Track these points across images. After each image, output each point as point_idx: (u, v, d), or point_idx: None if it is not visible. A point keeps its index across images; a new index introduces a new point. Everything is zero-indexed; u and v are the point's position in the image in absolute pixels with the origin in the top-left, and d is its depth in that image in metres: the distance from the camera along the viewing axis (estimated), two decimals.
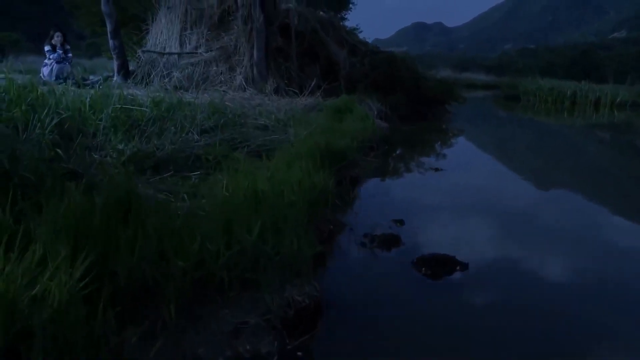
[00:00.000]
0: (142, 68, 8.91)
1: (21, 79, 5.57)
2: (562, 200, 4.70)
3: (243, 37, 8.47)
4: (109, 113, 3.42)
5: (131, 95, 6.14)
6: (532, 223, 3.67)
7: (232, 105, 6.13)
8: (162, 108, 4.90)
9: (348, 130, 5.14)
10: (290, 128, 5.01)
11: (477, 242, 3.13)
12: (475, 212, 3.89)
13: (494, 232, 3.41)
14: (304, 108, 7.43)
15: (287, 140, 4.15)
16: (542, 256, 2.93)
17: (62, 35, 7.93)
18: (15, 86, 3.44)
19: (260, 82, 8.44)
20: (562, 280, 2.60)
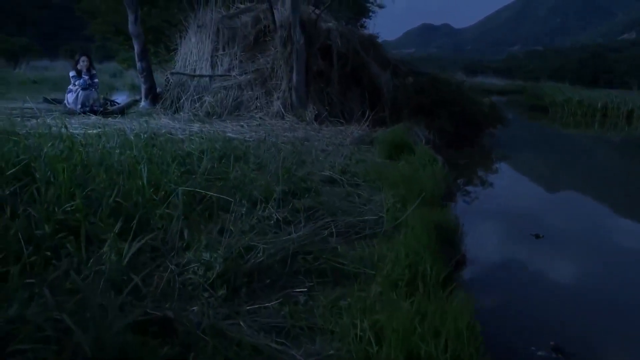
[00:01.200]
0: (171, 91, 8.28)
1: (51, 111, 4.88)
2: None
3: (281, 60, 7.82)
4: (178, 197, 2.75)
5: (170, 132, 5.51)
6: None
7: (282, 145, 5.47)
8: (218, 159, 4.24)
9: (425, 185, 4.46)
10: (367, 187, 4.35)
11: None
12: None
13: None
14: (353, 140, 6.77)
15: (376, 213, 3.48)
16: None
17: (87, 59, 7.32)
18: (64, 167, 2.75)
19: (300, 109, 7.79)
20: None
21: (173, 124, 6.85)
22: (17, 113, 6.69)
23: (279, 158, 4.72)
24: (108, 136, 4.78)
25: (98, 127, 5.79)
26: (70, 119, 6.92)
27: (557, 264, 3.85)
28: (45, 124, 5.15)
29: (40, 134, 4.17)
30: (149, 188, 2.94)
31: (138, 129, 5.81)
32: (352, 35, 8.44)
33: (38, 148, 3.42)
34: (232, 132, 6.50)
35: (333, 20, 8.36)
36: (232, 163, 4.13)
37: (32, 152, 3.36)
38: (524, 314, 2.91)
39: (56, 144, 3.39)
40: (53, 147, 3.30)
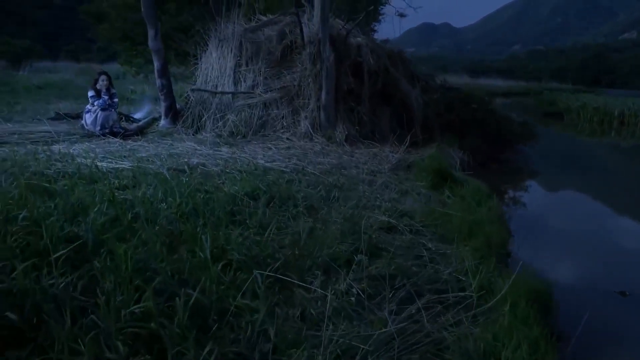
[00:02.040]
0: (192, 109, 7.89)
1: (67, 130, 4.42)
2: None
3: (309, 77, 7.44)
4: (258, 283, 2.37)
5: (204, 165, 5.13)
6: None
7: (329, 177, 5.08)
8: (266, 203, 3.87)
9: (491, 232, 4.09)
10: (429, 234, 3.97)
11: None
12: None
13: None
14: (391, 166, 6.40)
15: (454, 274, 3.10)
16: None
17: (107, 78, 6.93)
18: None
19: (328, 129, 7.41)
20: None
21: (199, 148, 6.47)
22: (35, 137, 6.31)
23: (326, 194, 4.36)
24: (143, 176, 4.40)
25: (125, 157, 5.43)
26: (90, 142, 6.55)
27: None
28: (72, 160, 4.79)
29: (73, 182, 3.78)
30: (213, 262, 2.56)
31: (168, 160, 5.46)
32: (381, 50, 8.06)
33: (80, 207, 3.02)
34: (263, 157, 6.12)
35: (361, 35, 7.96)
36: (290, 215, 3.75)
37: (74, 211, 2.98)
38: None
39: (101, 208, 2.97)
40: (99, 213, 2.87)
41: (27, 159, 4.85)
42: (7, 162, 4.52)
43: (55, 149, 5.85)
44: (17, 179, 3.76)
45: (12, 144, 6.00)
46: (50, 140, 6.32)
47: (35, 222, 2.53)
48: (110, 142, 6.64)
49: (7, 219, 2.57)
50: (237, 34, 8.17)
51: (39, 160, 4.84)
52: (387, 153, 7.12)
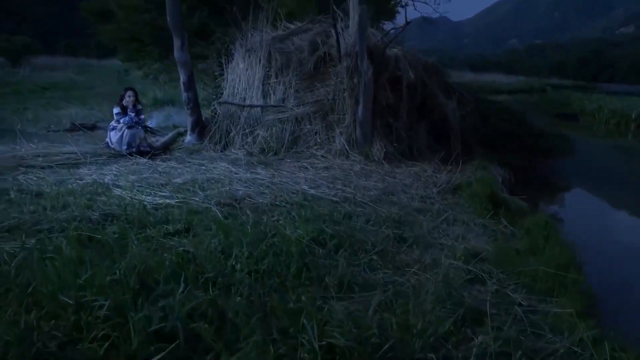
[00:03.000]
0: (219, 124, 7.50)
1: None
2: None
3: (345, 92, 7.05)
4: None
5: (250, 196, 4.76)
6: None
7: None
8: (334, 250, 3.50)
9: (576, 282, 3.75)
10: (511, 283, 3.62)
11: None
12: None
13: None
14: (439, 191, 6.04)
15: (555, 339, 2.75)
16: None
17: (134, 94, 6.53)
18: None
19: (365, 146, 7.05)
20: None
21: (234, 170, 6.10)
22: (61, 159, 5.92)
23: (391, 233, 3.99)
24: (192, 214, 4.03)
25: (162, 185, 5.05)
26: (117, 162, 6.16)
27: None
28: (108, 192, 4.40)
29: (122, 228, 3.41)
30: None
31: (208, 187, 5.08)
32: (417, 61, 7.69)
33: (146, 273, 2.65)
34: (306, 181, 5.76)
35: (397, 46, 7.57)
36: (364, 264, 3.39)
37: (141, 281, 2.61)
38: None
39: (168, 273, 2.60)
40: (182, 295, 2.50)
41: (63, 193, 4.46)
42: (45, 201, 4.12)
43: (84, 173, 5.48)
44: (65, 228, 3.38)
45: (37, 168, 5.62)
46: (76, 163, 5.93)
47: (117, 311, 2.16)
48: (139, 162, 6.26)
49: (80, 304, 2.20)
50: (266, 44, 7.76)
51: (75, 194, 4.45)
52: (429, 173, 6.76)
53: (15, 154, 5.89)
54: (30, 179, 5.02)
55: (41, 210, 3.83)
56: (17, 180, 4.91)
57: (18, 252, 2.96)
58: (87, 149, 6.40)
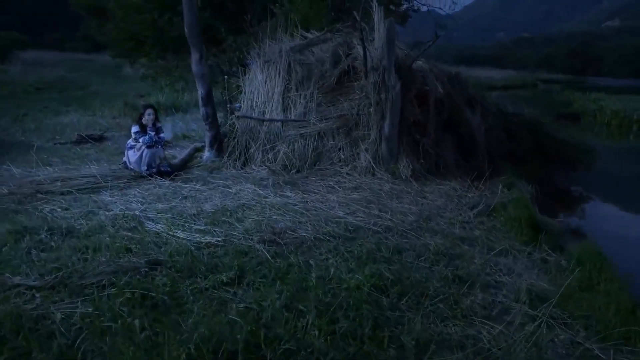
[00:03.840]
0: (238, 139, 7.23)
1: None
2: None
3: (371, 107, 6.83)
4: None
5: (293, 230, 4.52)
6: None
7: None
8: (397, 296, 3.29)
9: None
10: (581, 330, 3.44)
11: None
12: None
13: None
14: (473, 213, 5.86)
15: None
16: None
17: (154, 111, 6.23)
18: None
19: (391, 163, 6.84)
20: None
21: (263, 193, 5.85)
22: (81, 184, 5.61)
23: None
24: (238, 254, 3.79)
25: (195, 216, 4.79)
26: (139, 186, 5.88)
27: None
28: (142, 228, 4.13)
29: (172, 280, 3.15)
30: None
31: (241, 213, 4.84)
32: (442, 74, 7.47)
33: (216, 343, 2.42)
34: (340, 206, 5.53)
35: (422, 58, 7.34)
36: (434, 316, 3.18)
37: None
38: None
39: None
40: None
41: (95, 230, 4.19)
42: (79, 242, 3.85)
43: (108, 200, 5.20)
44: (113, 282, 3.12)
45: (57, 194, 5.33)
46: (97, 187, 5.64)
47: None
48: (161, 185, 5.98)
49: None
50: (285, 55, 7.48)
51: (108, 231, 4.18)
52: (459, 192, 6.57)
53: (33, 178, 5.57)
54: (54, 210, 4.73)
55: (80, 258, 3.56)
56: (42, 213, 4.62)
57: (71, 316, 2.71)
58: (105, 171, 6.09)
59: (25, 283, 2.93)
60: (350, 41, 7.60)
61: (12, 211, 4.67)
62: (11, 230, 3.98)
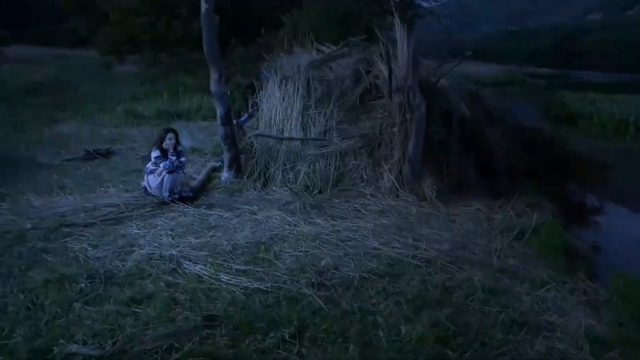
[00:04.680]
0: (257, 158, 7.07)
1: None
2: None
3: (395, 127, 6.72)
4: None
5: (330, 267, 4.41)
6: None
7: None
8: None
9: None
10: None
11: None
12: None
13: None
14: (504, 238, 5.80)
15: None
16: None
17: (175, 136, 6.03)
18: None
19: (415, 184, 6.75)
20: None
21: (291, 219, 5.72)
22: (103, 214, 5.41)
23: None
24: (291, 303, 3.66)
25: (230, 253, 4.64)
26: (163, 213, 5.70)
27: None
28: (180, 269, 3.96)
29: (236, 346, 3.02)
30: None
31: (278, 248, 4.71)
32: (462, 90, 7.39)
33: None
34: (373, 234, 5.43)
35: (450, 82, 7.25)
36: None
37: None
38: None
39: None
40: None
41: (135, 276, 4.02)
42: (122, 292, 3.68)
43: (136, 234, 5.02)
44: (177, 349, 2.98)
45: (80, 226, 5.13)
46: (121, 217, 5.44)
47: None
48: (186, 213, 5.80)
49: None
50: (304, 71, 7.32)
51: (149, 276, 4.02)
52: (485, 213, 6.52)
53: (55, 209, 5.35)
54: (85, 249, 4.54)
55: (131, 313, 3.40)
56: (73, 253, 4.43)
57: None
58: (127, 198, 5.89)
59: (85, 353, 2.77)
60: (370, 57, 7.46)
61: (41, 250, 4.48)
62: (49, 279, 3.79)
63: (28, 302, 3.48)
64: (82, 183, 6.95)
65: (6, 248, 4.50)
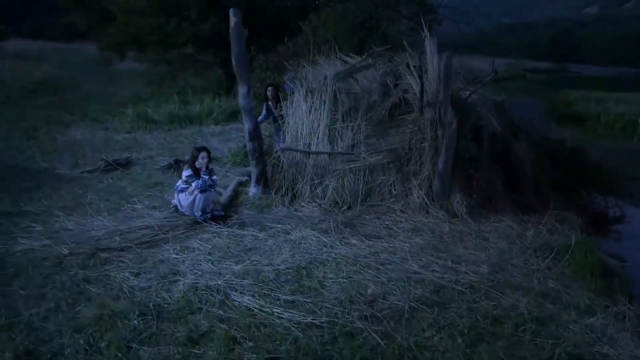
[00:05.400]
0: (285, 173, 7.00)
1: None
2: None
3: (425, 142, 6.66)
4: None
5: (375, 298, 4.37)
6: None
7: None
8: None
9: None
10: None
11: None
12: None
13: None
14: (539, 259, 5.78)
15: None
16: None
17: (208, 154, 5.94)
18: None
19: (444, 199, 6.71)
20: None
21: (326, 239, 5.67)
22: (138, 237, 5.34)
23: None
24: (347, 339, 3.62)
25: (272, 281, 4.59)
26: (196, 234, 5.63)
27: None
28: (228, 301, 3.90)
29: None
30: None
31: (319, 271, 4.65)
32: (490, 103, 7.34)
33: None
34: (411, 256, 5.39)
35: (469, 89, 7.18)
36: None
37: None
38: None
39: None
40: None
41: (185, 310, 3.96)
42: (175, 328, 3.61)
43: (175, 259, 4.96)
44: None
45: (117, 250, 5.06)
46: (156, 239, 5.37)
47: None
48: (219, 232, 5.74)
49: None
50: (331, 84, 7.23)
51: (199, 309, 3.96)
52: (516, 230, 6.49)
53: (90, 233, 5.27)
54: (127, 279, 4.47)
55: (191, 354, 3.34)
56: (117, 284, 4.36)
57: None
58: (159, 219, 5.81)
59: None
60: (397, 70, 7.38)
61: (83, 280, 4.40)
62: (100, 315, 3.72)
63: (85, 344, 3.40)
64: (106, 198, 6.86)
65: (47, 277, 4.43)
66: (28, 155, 9.04)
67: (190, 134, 11.51)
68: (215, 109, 13.46)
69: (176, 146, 10.47)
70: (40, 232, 5.44)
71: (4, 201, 6.47)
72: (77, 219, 5.72)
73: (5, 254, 4.84)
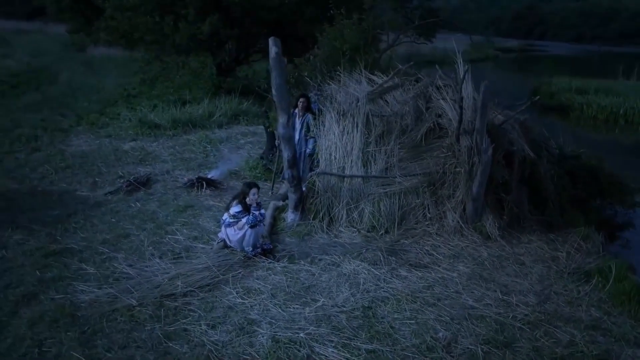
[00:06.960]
0: (320, 197, 7.08)
1: None
2: None
3: (460, 167, 6.85)
4: None
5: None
6: None
7: None
8: None
9: None
10: None
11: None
12: None
13: None
14: (576, 285, 6.11)
15: None
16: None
17: (257, 190, 5.95)
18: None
19: (476, 221, 6.96)
20: None
21: (377, 272, 5.84)
22: (198, 279, 5.36)
23: None
24: None
25: (349, 330, 4.73)
26: (252, 272, 5.70)
27: None
28: (312, 352, 4.04)
29: None
30: None
31: (389, 315, 4.82)
32: (516, 123, 7.56)
33: None
34: (463, 289, 5.62)
35: (501, 112, 7.37)
36: None
37: None
38: None
39: None
40: None
41: None
42: None
43: (240, 304, 5.03)
44: None
45: (179, 296, 5.09)
46: (216, 281, 5.41)
47: None
48: (273, 269, 5.82)
49: None
50: (363, 106, 7.29)
51: None
52: (547, 252, 6.82)
53: (150, 279, 5.26)
54: (205, 332, 4.52)
55: None
56: (198, 339, 4.41)
57: None
58: (214, 258, 5.83)
59: None
60: (426, 91, 7.48)
61: (164, 337, 4.43)
62: None
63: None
64: (142, 227, 6.79)
65: (127, 335, 4.42)
66: (41, 173, 8.75)
67: (198, 140, 11.34)
68: (215, 112, 13.28)
69: (188, 157, 10.34)
70: (95, 275, 5.38)
71: (41, 235, 6.32)
72: (126, 256, 5.69)
73: (72, 306, 4.78)
